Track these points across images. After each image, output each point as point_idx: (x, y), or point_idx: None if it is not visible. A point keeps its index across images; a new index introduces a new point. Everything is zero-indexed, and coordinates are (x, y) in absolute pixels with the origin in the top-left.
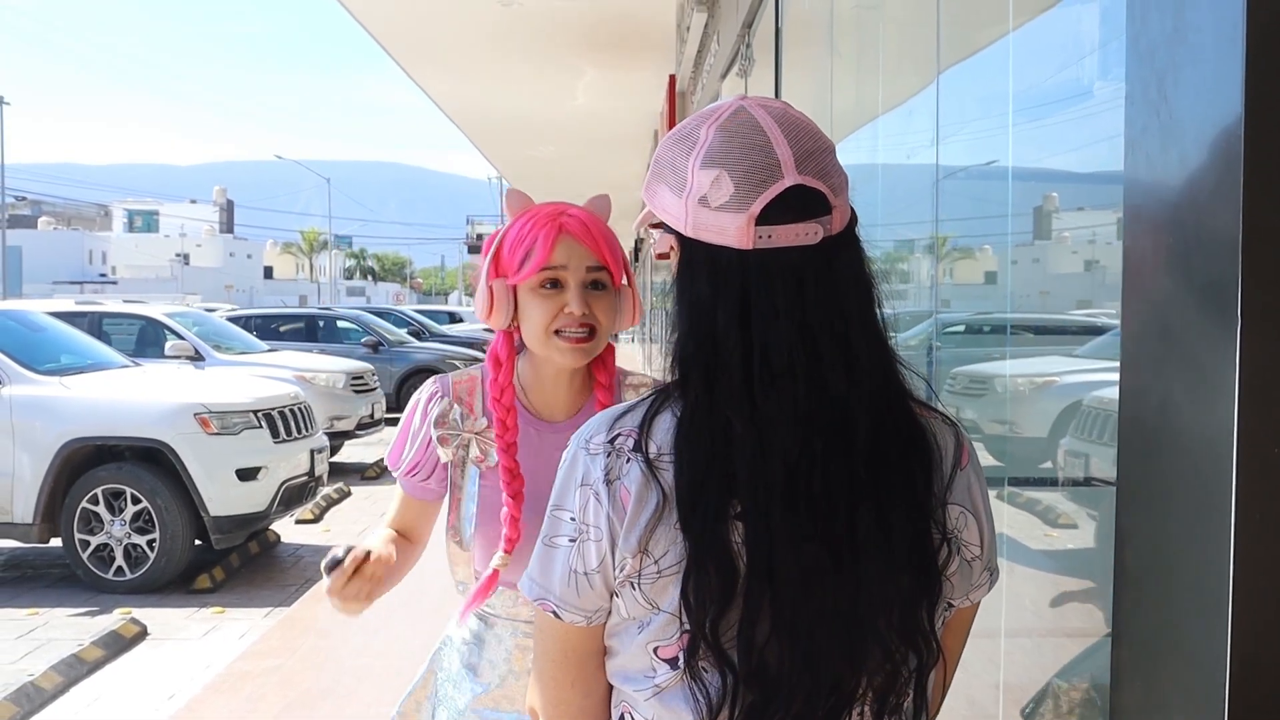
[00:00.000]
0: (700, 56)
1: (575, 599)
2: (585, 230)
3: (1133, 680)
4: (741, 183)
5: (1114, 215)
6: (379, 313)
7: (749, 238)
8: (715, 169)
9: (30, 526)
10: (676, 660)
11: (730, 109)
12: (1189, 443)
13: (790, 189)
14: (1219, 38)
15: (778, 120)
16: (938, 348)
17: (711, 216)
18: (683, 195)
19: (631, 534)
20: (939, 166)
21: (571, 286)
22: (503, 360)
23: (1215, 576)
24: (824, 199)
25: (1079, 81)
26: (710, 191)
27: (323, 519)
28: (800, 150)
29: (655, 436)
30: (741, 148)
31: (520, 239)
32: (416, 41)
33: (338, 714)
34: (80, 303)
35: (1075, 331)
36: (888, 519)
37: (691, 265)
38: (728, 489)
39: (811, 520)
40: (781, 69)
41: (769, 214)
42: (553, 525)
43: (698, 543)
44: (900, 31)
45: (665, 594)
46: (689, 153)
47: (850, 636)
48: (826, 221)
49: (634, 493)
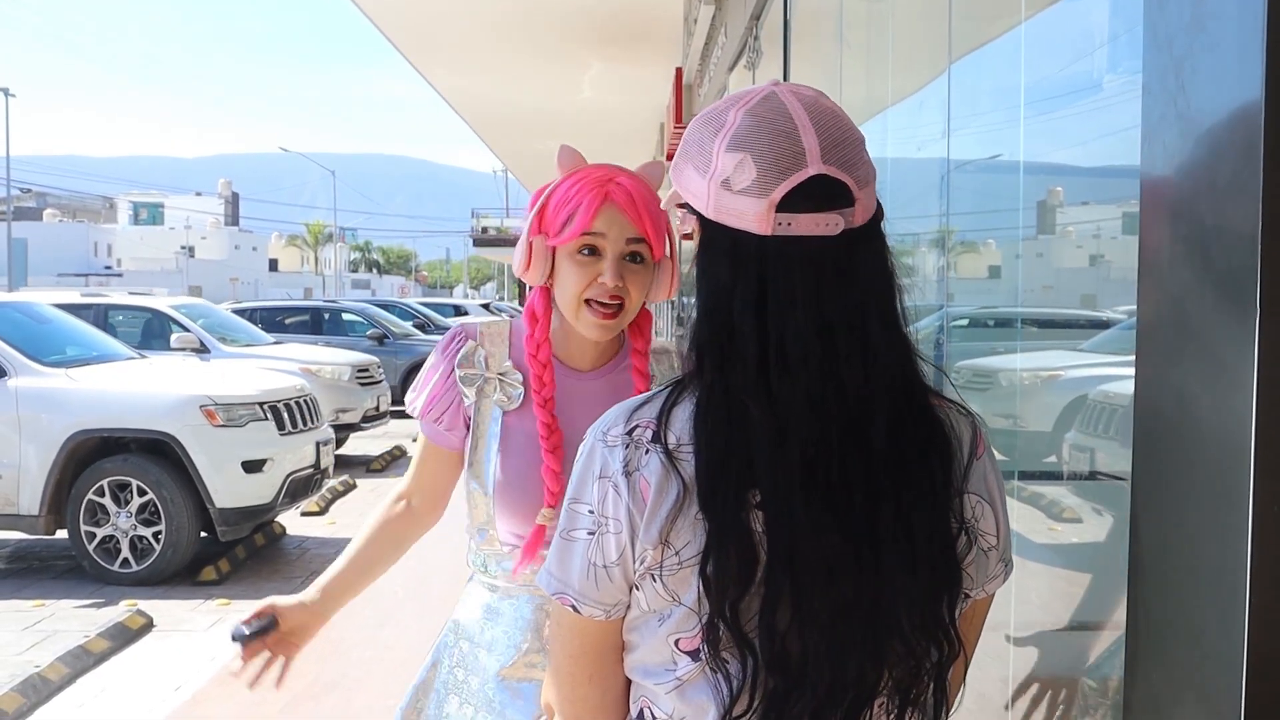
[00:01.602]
0: (708, 49)
1: (595, 592)
2: (630, 201)
3: (1147, 675)
4: (765, 168)
5: (1119, 210)
6: (384, 305)
7: (769, 224)
8: (740, 152)
9: (36, 518)
10: (698, 653)
11: (762, 93)
12: (1206, 435)
13: (813, 178)
14: (1239, 25)
15: (808, 108)
16: (944, 341)
17: (733, 200)
18: (707, 176)
19: (652, 525)
20: (949, 160)
21: (609, 257)
22: (539, 316)
23: (1232, 571)
24: (847, 190)
25: (1091, 74)
26: (734, 175)
27: (328, 511)
28: (827, 140)
29: (674, 427)
30: (768, 134)
31: (565, 200)
32: (423, 35)
33: (344, 706)
34: (86, 295)
35: (1082, 325)
36: (908, 515)
37: (711, 248)
38: (747, 476)
39: (831, 512)
40: (790, 61)
41: (790, 201)
42: (570, 518)
43: (718, 524)
44: (910, 22)
45: (686, 585)
46: (716, 134)
47: (873, 630)
48: (849, 213)
49: (654, 484)
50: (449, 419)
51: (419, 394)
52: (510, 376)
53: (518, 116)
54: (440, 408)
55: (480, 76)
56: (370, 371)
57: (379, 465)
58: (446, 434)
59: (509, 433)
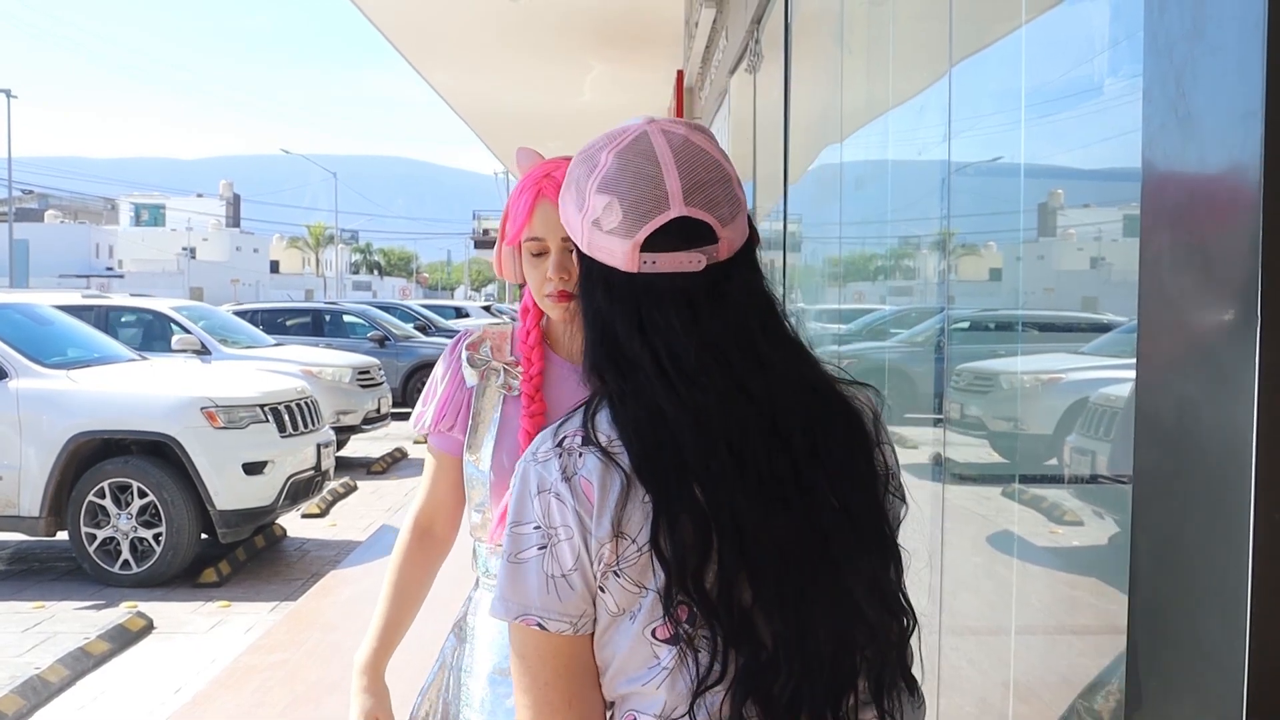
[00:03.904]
0: (709, 52)
1: (558, 604)
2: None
3: (1148, 680)
4: (629, 211)
5: (1120, 213)
6: (385, 307)
7: (635, 262)
8: (609, 195)
9: (37, 520)
10: (676, 636)
11: (633, 134)
12: (1207, 441)
13: (675, 220)
14: (1240, 32)
15: (675, 150)
16: (945, 344)
17: (604, 239)
18: (581, 214)
19: (603, 520)
20: (950, 163)
21: (551, 253)
22: (530, 309)
23: (1233, 577)
24: (709, 230)
25: (1091, 77)
26: (603, 216)
27: (329, 513)
28: (690, 182)
29: (601, 429)
30: (633, 177)
31: (512, 204)
32: (424, 36)
33: (344, 709)
34: (87, 296)
35: (1083, 328)
36: (845, 502)
37: (589, 279)
38: (681, 462)
39: (769, 503)
40: (791, 64)
41: (653, 242)
42: (515, 542)
43: (665, 494)
44: (911, 25)
45: (650, 571)
46: (589, 175)
47: (834, 612)
48: (712, 250)
49: (596, 481)
50: (462, 420)
51: (428, 406)
52: (514, 369)
53: (519, 118)
54: (453, 410)
55: (481, 78)
56: (371, 373)
57: (380, 467)
58: (460, 439)
59: (508, 419)
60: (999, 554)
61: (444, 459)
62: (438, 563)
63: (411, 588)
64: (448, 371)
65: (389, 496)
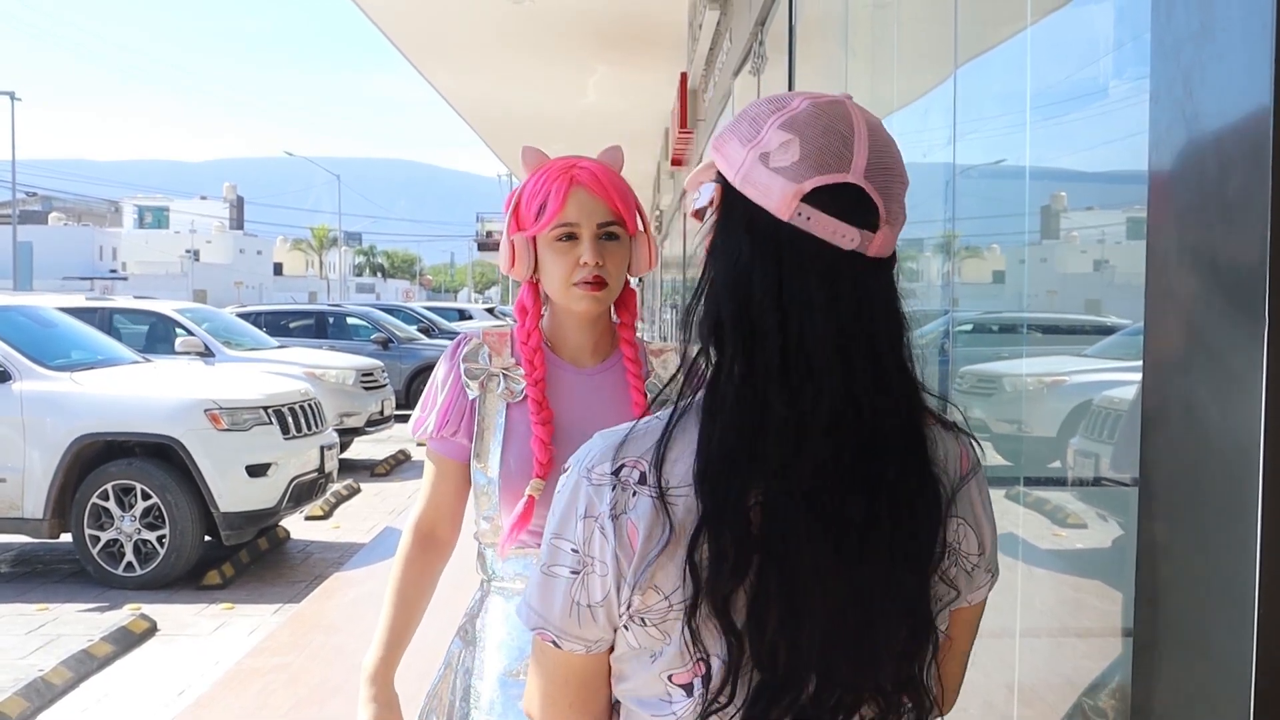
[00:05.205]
0: (712, 54)
1: (576, 629)
2: (597, 181)
3: (1155, 683)
4: (808, 156)
5: (1123, 215)
6: (388, 309)
7: (790, 209)
8: (791, 134)
9: (41, 522)
10: (691, 687)
11: (834, 96)
12: (1214, 443)
13: (848, 185)
14: (1247, 34)
15: (871, 128)
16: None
17: (765, 174)
18: (748, 146)
19: (641, 570)
20: (954, 165)
21: (585, 238)
22: (528, 308)
23: (1240, 579)
24: (876, 214)
25: (1096, 80)
26: (776, 151)
27: (332, 515)
28: (877, 162)
29: (670, 465)
30: (824, 129)
31: (535, 193)
32: (428, 38)
33: (348, 711)
34: (91, 298)
35: (1087, 331)
36: (899, 574)
37: (729, 217)
38: (750, 471)
39: (827, 530)
40: (795, 66)
41: (817, 197)
42: (552, 554)
43: (717, 505)
44: (915, 28)
45: (678, 627)
46: (774, 113)
47: (856, 676)
48: (868, 236)
49: (642, 529)
50: (465, 427)
51: (429, 412)
52: (514, 372)
53: (522, 120)
54: (455, 417)
55: (485, 80)
56: (375, 376)
57: (383, 470)
58: (462, 444)
59: (513, 424)
60: (1003, 556)
61: (444, 464)
62: (440, 567)
63: (415, 593)
64: (449, 377)
65: (392, 499)
